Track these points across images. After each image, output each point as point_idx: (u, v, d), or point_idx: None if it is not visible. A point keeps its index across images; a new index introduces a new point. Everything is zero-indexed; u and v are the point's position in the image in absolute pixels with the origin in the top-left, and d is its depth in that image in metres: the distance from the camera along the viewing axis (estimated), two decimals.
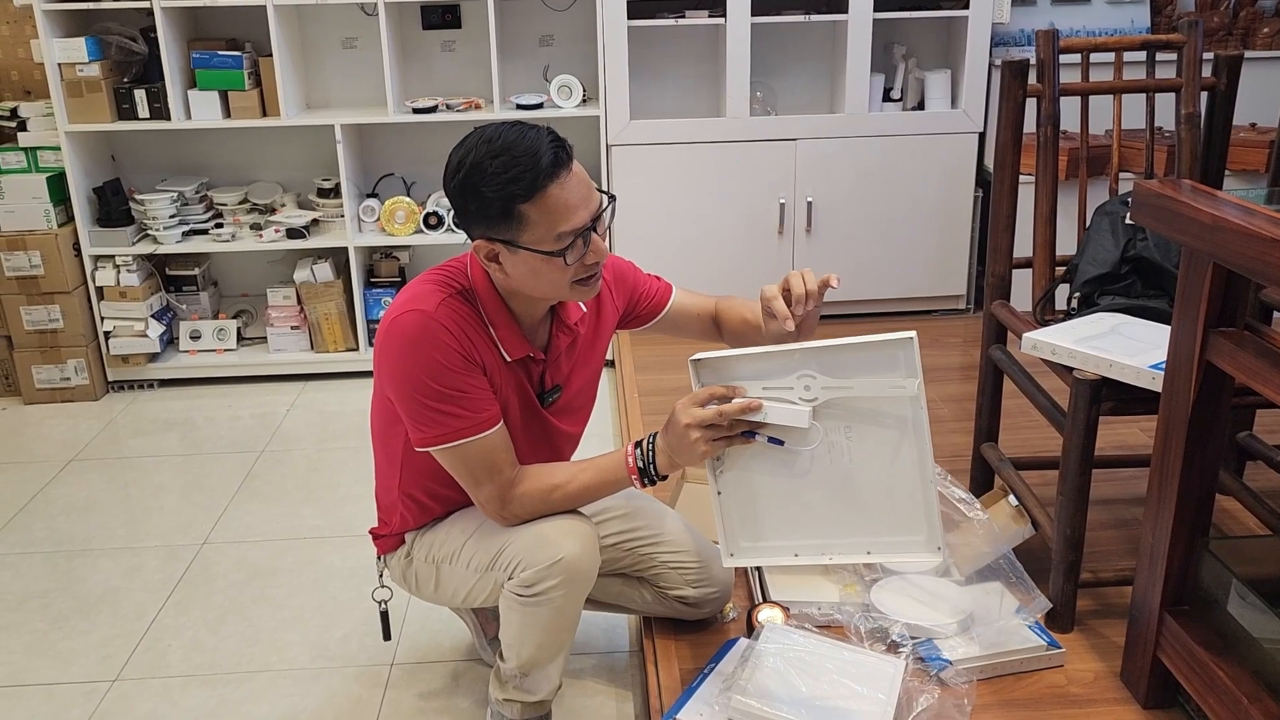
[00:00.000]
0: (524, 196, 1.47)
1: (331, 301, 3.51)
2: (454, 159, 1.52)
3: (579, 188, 1.51)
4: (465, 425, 1.56)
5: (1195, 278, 1.53)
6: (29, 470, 2.99)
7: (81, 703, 2.02)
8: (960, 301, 3.80)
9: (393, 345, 1.56)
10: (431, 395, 1.54)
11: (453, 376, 1.54)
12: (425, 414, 1.56)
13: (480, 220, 1.52)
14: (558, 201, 1.48)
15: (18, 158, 3.34)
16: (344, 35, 3.59)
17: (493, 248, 1.54)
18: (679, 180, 3.54)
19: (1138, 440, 2.69)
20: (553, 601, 1.60)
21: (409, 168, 3.71)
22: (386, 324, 1.58)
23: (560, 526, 1.61)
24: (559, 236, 1.50)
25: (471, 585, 1.71)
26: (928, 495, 1.52)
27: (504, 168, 1.46)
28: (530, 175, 1.46)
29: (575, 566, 1.59)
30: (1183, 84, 2.14)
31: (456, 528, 1.73)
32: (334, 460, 3.01)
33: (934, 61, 3.69)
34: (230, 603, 2.34)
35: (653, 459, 1.60)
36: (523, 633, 1.65)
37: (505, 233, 1.51)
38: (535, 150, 1.47)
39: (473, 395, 1.56)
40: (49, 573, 2.48)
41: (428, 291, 1.58)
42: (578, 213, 1.50)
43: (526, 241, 1.51)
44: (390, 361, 1.57)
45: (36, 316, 3.37)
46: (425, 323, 1.54)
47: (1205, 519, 1.66)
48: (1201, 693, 1.59)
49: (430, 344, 1.53)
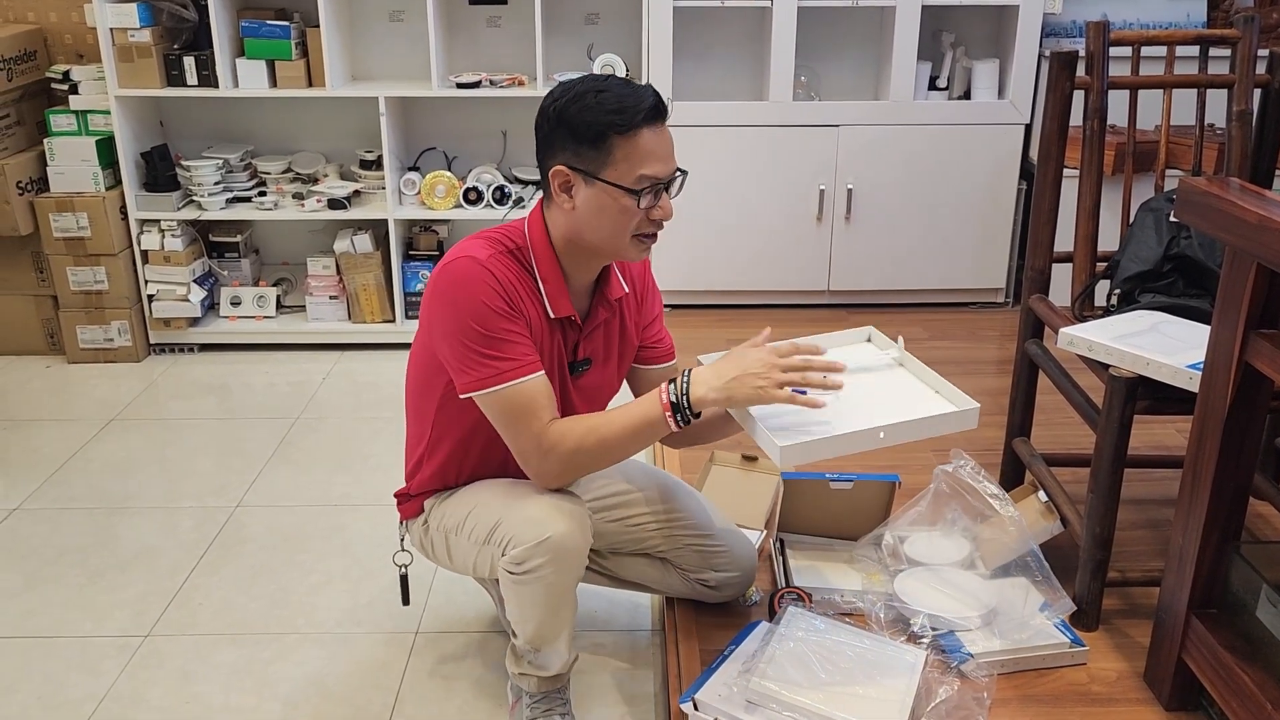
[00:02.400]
0: (621, 129, 1.53)
1: (370, 273, 3.54)
2: (555, 91, 1.60)
3: (667, 144, 1.60)
4: (510, 368, 1.58)
5: (1238, 278, 1.51)
6: (71, 428, 3.06)
7: (115, 655, 2.07)
8: (999, 295, 3.77)
9: (442, 288, 1.60)
10: (476, 339, 1.57)
11: (497, 320, 1.57)
12: (471, 357, 1.58)
13: (568, 146, 1.57)
14: (648, 144, 1.56)
15: (69, 120, 3.40)
16: (391, 8, 3.61)
17: (570, 177, 1.58)
18: (719, 163, 3.53)
19: (1173, 441, 2.66)
20: (543, 579, 1.61)
21: (450, 142, 3.72)
22: (437, 271, 1.62)
23: (550, 505, 1.62)
24: (640, 178, 1.56)
25: (474, 557, 1.73)
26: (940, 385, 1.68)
27: (608, 100, 1.54)
28: (632, 110, 1.54)
29: (563, 545, 1.59)
30: (1235, 80, 2.10)
31: (466, 498, 1.75)
32: (367, 430, 3.04)
33: (982, 50, 3.65)
34: (261, 565, 2.38)
35: (686, 391, 1.58)
36: (522, 610, 1.67)
37: (590, 162, 1.56)
38: (640, 93, 1.56)
39: (516, 341, 1.59)
40: (87, 528, 2.53)
41: (479, 245, 1.63)
42: (663, 163, 1.58)
43: (609, 175, 1.56)
44: (438, 304, 1.61)
45: (82, 278, 3.43)
46: (474, 268, 1.58)
47: (1237, 522, 1.64)
48: (1225, 697, 1.58)
49: (477, 287, 1.57)
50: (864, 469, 2.15)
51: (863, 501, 2.09)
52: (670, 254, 3.53)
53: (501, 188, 3.50)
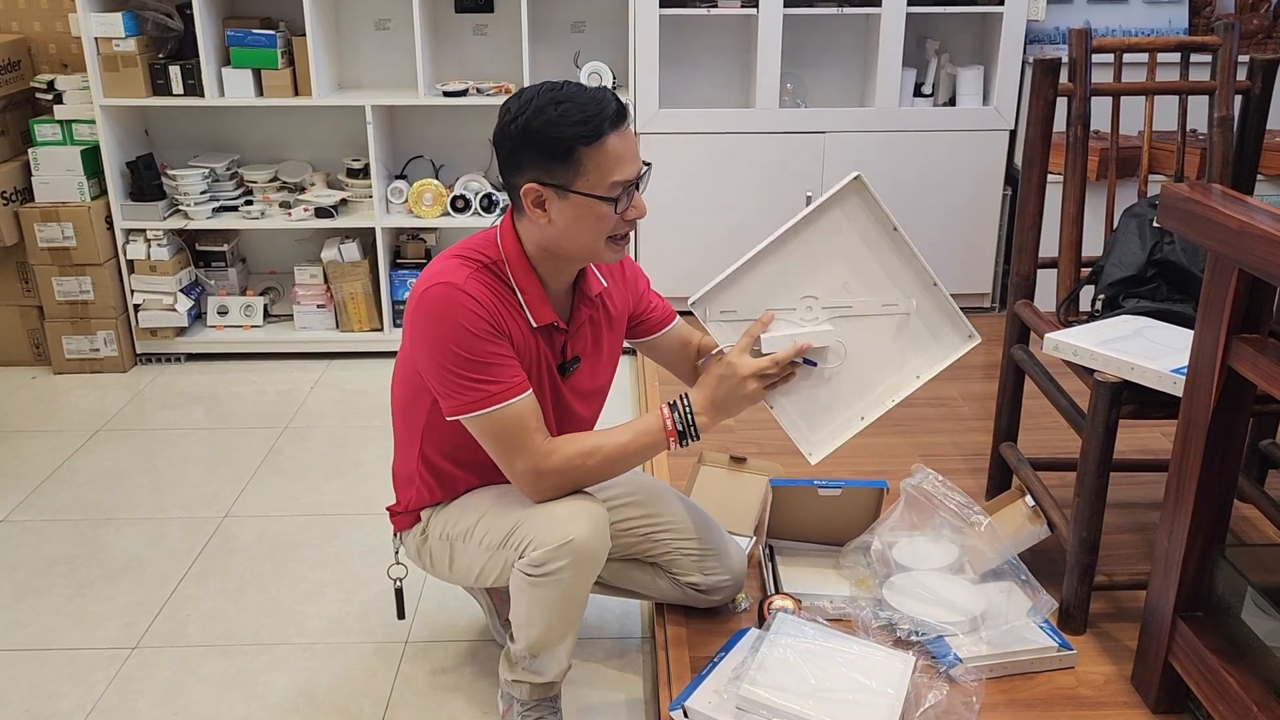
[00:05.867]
0: (587, 139, 1.53)
1: (358, 281, 3.54)
2: (512, 105, 1.59)
3: (631, 144, 1.60)
4: (497, 391, 1.58)
5: (1220, 283, 1.53)
6: (57, 439, 3.04)
7: (104, 667, 2.06)
8: (985, 300, 3.78)
9: (422, 316, 1.60)
10: (460, 363, 1.57)
11: (480, 344, 1.58)
12: (456, 382, 1.59)
13: (536, 162, 1.57)
14: (616, 150, 1.55)
15: (53, 130, 3.39)
16: (377, 16, 3.61)
17: (542, 193, 1.58)
18: (706, 170, 3.54)
19: (1158, 444, 2.68)
20: (561, 582, 1.62)
21: (438, 150, 3.73)
22: (416, 297, 1.62)
23: (572, 508, 1.63)
24: (613, 185, 1.56)
25: (484, 563, 1.73)
26: (937, 297, 1.69)
27: (570, 112, 1.53)
28: (596, 120, 1.53)
29: (585, 548, 1.61)
30: (1217, 87, 2.12)
31: (471, 505, 1.75)
32: (357, 438, 3.04)
33: (967, 57, 3.67)
34: (250, 575, 2.37)
35: (691, 420, 1.67)
36: (531, 612, 1.67)
37: (560, 176, 1.56)
38: (600, 100, 1.55)
39: (501, 363, 1.59)
40: (75, 539, 2.52)
41: (454, 265, 1.62)
42: (631, 164, 1.58)
43: (581, 187, 1.56)
44: (420, 332, 1.61)
45: (68, 288, 3.42)
46: (452, 294, 1.58)
47: (1222, 526, 1.65)
48: (1211, 699, 1.59)
49: (458, 313, 1.57)
50: (852, 475, 2.16)
51: (851, 508, 2.10)
52: (656, 261, 3.54)
53: (489, 195, 3.50)
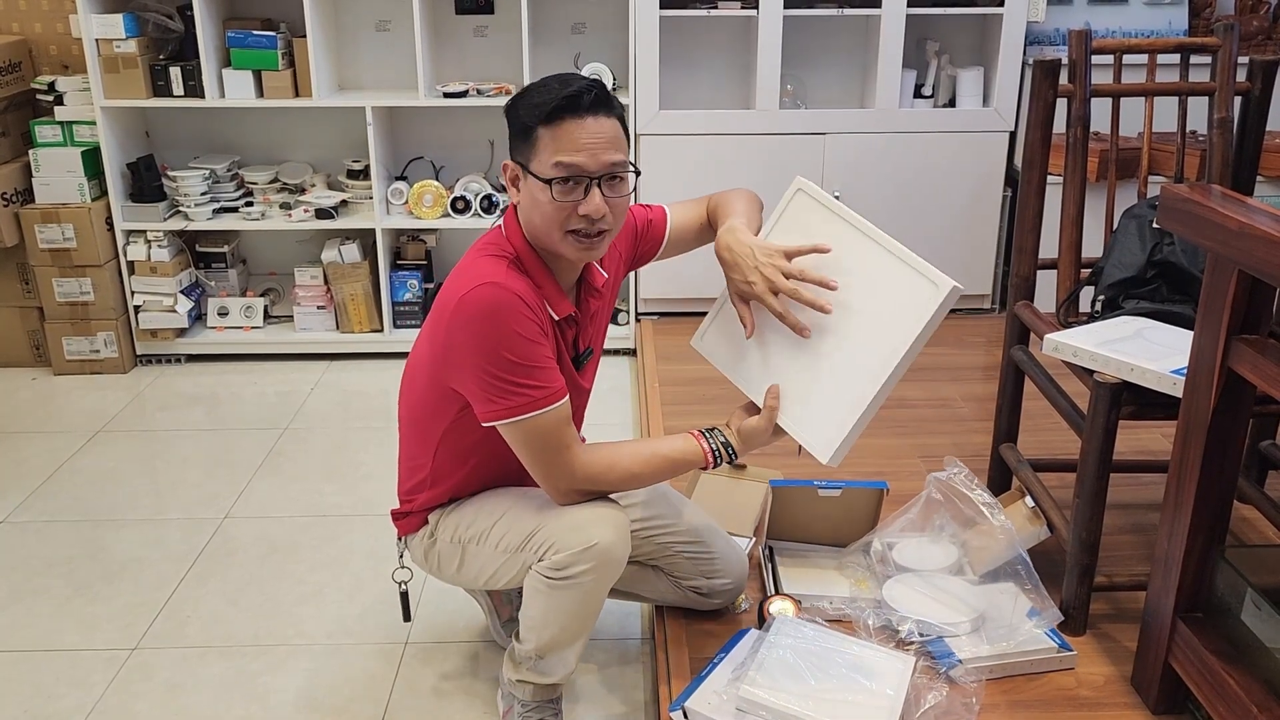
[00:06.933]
0: (542, 119, 1.53)
1: (358, 282, 3.54)
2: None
3: (596, 137, 1.53)
4: (541, 396, 1.56)
5: (1220, 284, 1.53)
6: (57, 440, 3.04)
7: (102, 669, 2.06)
8: (985, 301, 3.78)
9: (465, 319, 1.54)
10: (506, 368, 1.53)
11: (529, 348, 1.54)
12: (499, 386, 1.54)
13: (512, 141, 1.61)
14: (570, 133, 1.53)
15: (54, 131, 3.39)
16: (377, 18, 3.61)
17: (515, 170, 1.61)
18: (706, 171, 3.54)
19: (1158, 445, 2.68)
20: (582, 586, 1.61)
21: (438, 151, 3.73)
22: (457, 301, 1.55)
23: (595, 513, 1.63)
24: (554, 165, 1.53)
25: (498, 566, 1.71)
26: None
27: (538, 93, 1.55)
28: (554, 101, 1.52)
29: (608, 553, 1.60)
30: (1216, 88, 2.12)
31: (485, 508, 1.74)
32: (356, 440, 3.04)
33: (967, 59, 3.67)
34: (250, 576, 2.37)
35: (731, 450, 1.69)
36: (547, 615, 1.66)
37: (522, 154, 1.58)
38: (569, 83, 1.54)
39: (546, 366, 1.57)
40: (74, 540, 2.52)
41: (490, 265, 1.58)
42: (586, 153, 1.53)
43: (534, 167, 1.56)
44: (463, 336, 1.54)
45: (68, 289, 3.42)
46: (501, 295, 1.53)
47: (1222, 526, 1.65)
48: (1211, 700, 1.59)
49: (509, 315, 1.53)
50: (852, 476, 2.16)
51: (851, 508, 2.10)
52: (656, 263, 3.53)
53: (489, 196, 3.51)
